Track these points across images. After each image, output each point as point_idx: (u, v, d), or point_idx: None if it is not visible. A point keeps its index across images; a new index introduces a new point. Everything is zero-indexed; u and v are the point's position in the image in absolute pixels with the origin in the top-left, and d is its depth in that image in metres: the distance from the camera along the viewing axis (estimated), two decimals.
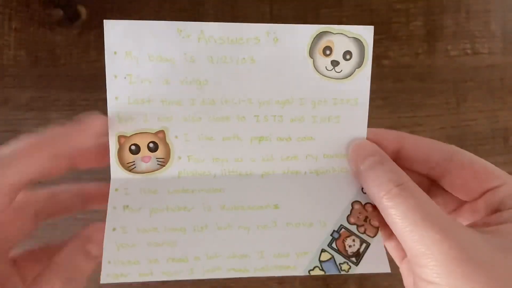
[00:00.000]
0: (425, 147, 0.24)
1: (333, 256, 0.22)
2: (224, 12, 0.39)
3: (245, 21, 0.39)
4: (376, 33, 0.39)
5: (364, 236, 0.23)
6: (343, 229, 0.23)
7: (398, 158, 0.24)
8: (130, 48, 0.22)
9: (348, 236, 0.23)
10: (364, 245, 0.23)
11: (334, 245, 0.23)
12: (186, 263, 0.22)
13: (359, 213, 0.23)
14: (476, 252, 0.18)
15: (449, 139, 0.24)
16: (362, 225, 0.23)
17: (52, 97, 0.38)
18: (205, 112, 0.23)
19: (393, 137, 0.24)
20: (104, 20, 0.22)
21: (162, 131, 0.23)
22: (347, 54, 0.23)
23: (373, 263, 0.22)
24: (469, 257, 0.18)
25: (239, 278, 0.38)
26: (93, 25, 0.39)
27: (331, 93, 0.23)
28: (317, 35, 0.23)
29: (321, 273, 0.22)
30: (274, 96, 0.23)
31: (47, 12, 0.39)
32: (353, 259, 0.22)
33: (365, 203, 0.23)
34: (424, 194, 0.21)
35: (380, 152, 0.23)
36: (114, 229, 0.22)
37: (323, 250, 0.22)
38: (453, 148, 0.24)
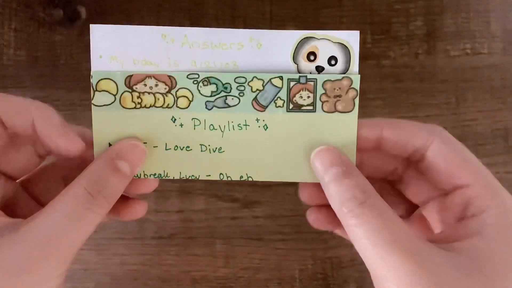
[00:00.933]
0: (405, 132, 0.23)
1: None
2: (224, 12, 0.39)
3: (245, 21, 0.39)
4: (376, 33, 0.39)
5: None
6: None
7: (379, 144, 0.23)
8: (115, 52, 0.23)
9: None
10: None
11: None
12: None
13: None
14: (440, 276, 0.18)
15: None
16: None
17: (52, 97, 0.38)
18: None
19: (372, 124, 0.23)
20: (90, 25, 0.23)
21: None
22: (332, 60, 0.23)
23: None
24: (432, 282, 0.18)
25: (239, 277, 0.37)
26: None
27: None
28: (301, 40, 0.23)
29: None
30: None
31: (47, 12, 0.39)
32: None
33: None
34: (390, 211, 0.20)
35: (345, 162, 0.22)
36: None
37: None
38: (435, 131, 0.23)
